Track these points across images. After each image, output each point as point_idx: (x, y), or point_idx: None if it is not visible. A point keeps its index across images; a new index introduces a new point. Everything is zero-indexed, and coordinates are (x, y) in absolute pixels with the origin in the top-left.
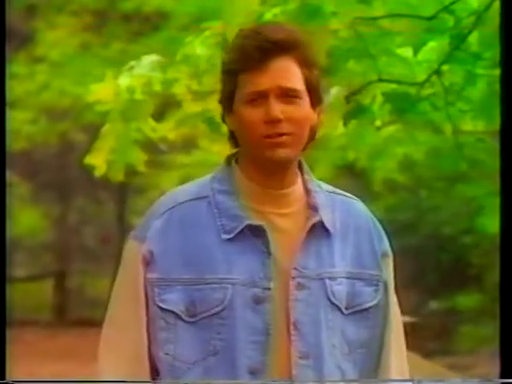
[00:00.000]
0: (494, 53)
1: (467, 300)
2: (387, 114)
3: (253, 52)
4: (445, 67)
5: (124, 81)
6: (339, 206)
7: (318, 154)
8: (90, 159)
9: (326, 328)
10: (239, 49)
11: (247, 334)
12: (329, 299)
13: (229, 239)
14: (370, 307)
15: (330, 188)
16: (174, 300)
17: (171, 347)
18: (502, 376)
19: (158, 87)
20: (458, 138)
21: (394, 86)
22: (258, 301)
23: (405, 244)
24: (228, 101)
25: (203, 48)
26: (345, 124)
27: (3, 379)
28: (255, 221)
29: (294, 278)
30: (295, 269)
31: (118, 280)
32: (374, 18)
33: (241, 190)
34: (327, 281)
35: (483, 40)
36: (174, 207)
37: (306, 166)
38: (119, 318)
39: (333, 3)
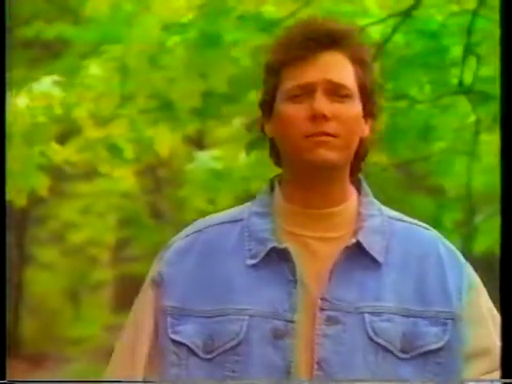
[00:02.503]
0: (395, 84)
1: None
2: None
3: (300, 42)
4: None
5: (23, 101)
6: (399, 233)
7: (219, 185)
8: None
9: (365, 372)
10: (285, 40)
11: (264, 373)
12: (369, 338)
13: (253, 265)
14: (435, 349)
15: (397, 215)
16: (190, 332)
17: None
18: (502, 376)
19: (58, 110)
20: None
21: None
22: (278, 335)
23: None
24: (268, 103)
25: (100, 70)
26: (247, 154)
27: (3, 379)
28: (283, 244)
29: (322, 309)
30: (324, 299)
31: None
32: None
33: (279, 212)
34: (367, 316)
35: (384, 72)
36: (201, 230)
37: (365, 187)
38: (120, 346)
39: (233, 31)
